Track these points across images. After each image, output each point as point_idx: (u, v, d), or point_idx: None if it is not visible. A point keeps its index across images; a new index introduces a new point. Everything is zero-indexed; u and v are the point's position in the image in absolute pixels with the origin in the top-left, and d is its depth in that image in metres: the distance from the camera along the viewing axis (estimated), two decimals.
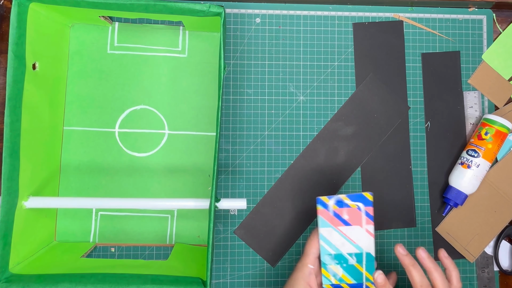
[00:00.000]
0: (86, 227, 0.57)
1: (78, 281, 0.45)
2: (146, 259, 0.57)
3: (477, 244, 0.59)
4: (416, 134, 0.60)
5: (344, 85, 0.59)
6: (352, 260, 0.47)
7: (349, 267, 0.47)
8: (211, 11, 0.47)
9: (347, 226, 0.47)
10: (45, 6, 0.49)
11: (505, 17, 0.61)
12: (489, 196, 0.59)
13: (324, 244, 0.47)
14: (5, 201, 0.46)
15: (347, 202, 0.47)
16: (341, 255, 0.47)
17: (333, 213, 0.47)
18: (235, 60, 0.59)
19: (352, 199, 0.47)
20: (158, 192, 0.58)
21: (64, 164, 0.57)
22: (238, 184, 0.58)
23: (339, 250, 0.47)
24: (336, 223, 0.47)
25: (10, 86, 0.46)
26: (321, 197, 0.47)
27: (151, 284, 0.45)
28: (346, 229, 0.47)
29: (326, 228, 0.47)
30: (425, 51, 0.60)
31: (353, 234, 0.47)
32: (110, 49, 0.58)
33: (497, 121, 0.56)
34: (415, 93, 0.60)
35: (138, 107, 0.58)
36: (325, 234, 0.47)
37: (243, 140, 0.58)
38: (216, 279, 0.58)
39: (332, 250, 0.47)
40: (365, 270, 0.47)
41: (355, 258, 0.47)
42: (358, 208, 0.46)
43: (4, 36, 0.58)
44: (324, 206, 0.47)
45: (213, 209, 0.46)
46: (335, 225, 0.47)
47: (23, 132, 0.48)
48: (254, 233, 0.58)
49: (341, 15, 0.60)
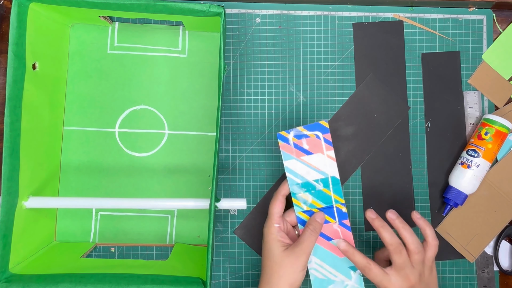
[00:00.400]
0: (86, 227, 0.57)
1: (78, 281, 0.45)
2: (146, 259, 0.57)
3: (477, 244, 0.59)
4: (416, 134, 0.60)
5: (344, 85, 0.59)
6: (319, 185, 0.49)
7: (318, 193, 0.50)
8: (211, 11, 0.47)
9: (309, 155, 0.49)
10: (45, 6, 0.49)
11: (505, 17, 0.61)
12: (489, 196, 0.59)
13: (291, 175, 0.49)
14: (5, 201, 0.46)
15: (305, 133, 0.49)
16: (308, 182, 0.49)
17: (294, 145, 0.49)
18: (235, 60, 0.59)
19: (309, 129, 0.49)
20: (158, 192, 0.58)
21: (64, 164, 0.57)
22: (238, 184, 0.58)
23: (305, 179, 0.49)
24: (298, 154, 0.49)
25: (10, 86, 0.46)
26: (281, 132, 0.49)
27: (151, 284, 0.45)
28: (308, 158, 0.49)
29: (289, 160, 0.49)
30: (425, 51, 0.60)
31: (316, 162, 0.49)
32: (110, 49, 0.58)
33: (497, 121, 0.56)
34: (415, 93, 0.60)
35: (138, 107, 0.58)
36: (290, 166, 0.49)
37: (243, 140, 0.58)
38: (216, 279, 0.58)
39: (298, 179, 0.49)
40: (333, 193, 0.50)
41: (322, 184, 0.49)
42: (317, 137, 0.49)
43: (4, 36, 0.58)
44: (284, 140, 0.49)
45: (213, 209, 0.46)
46: (297, 156, 0.49)
47: (23, 132, 0.48)
48: (254, 233, 0.58)
49: (341, 15, 0.60)
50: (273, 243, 0.48)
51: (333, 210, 0.50)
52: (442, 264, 0.59)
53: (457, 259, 0.59)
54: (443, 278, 0.59)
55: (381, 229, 0.47)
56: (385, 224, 0.48)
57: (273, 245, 0.48)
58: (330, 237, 0.50)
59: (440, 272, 0.59)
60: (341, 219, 0.49)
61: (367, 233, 0.59)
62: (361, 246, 0.59)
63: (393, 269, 0.47)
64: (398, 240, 0.47)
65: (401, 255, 0.46)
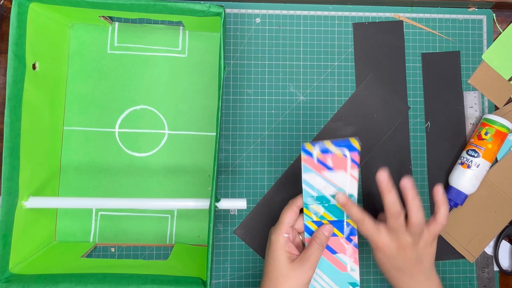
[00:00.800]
0: (86, 227, 0.57)
1: (78, 281, 0.45)
2: (146, 259, 0.57)
3: (477, 244, 0.59)
4: (416, 134, 0.60)
5: (344, 85, 0.59)
6: (334, 200, 0.47)
7: (331, 206, 0.48)
8: (211, 11, 0.47)
9: (330, 172, 0.47)
10: (45, 6, 0.49)
11: (505, 17, 0.61)
12: (489, 196, 0.59)
13: (307, 188, 0.47)
14: (5, 201, 0.46)
15: (332, 149, 0.46)
16: (323, 196, 0.47)
17: (317, 160, 0.46)
18: (235, 60, 0.59)
19: (337, 145, 0.46)
20: (158, 192, 0.58)
21: (64, 164, 0.57)
22: (238, 184, 0.58)
23: (321, 193, 0.47)
24: (320, 169, 0.47)
25: (10, 86, 0.46)
26: (306, 144, 0.46)
27: (151, 284, 0.45)
28: (329, 174, 0.47)
29: (309, 173, 0.47)
30: (425, 51, 0.60)
31: (337, 179, 0.47)
32: (110, 49, 0.58)
33: (497, 121, 0.56)
34: (415, 93, 0.60)
35: (138, 107, 0.58)
36: (308, 179, 0.47)
37: (243, 140, 0.58)
38: (216, 279, 0.58)
39: (314, 192, 0.47)
40: None
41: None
42: (344, 155, 0.46)
43: (4, 36, 0.58)
44: (308, 154, 0.46)
45: (213, 209, 0.46)
46: (318, 170, 0.47)
47: (23, 132, 0.48)
48: (254, 233, 0.58)
49: (341, 15, 0.60)
50: (280, 253, 0.47)
51: (343, 224, 0.48)
52: (442, 264, 0.59)
53: (457, 259, 0.59)
54: (443, 278, 0.59)
55: (386, 193, 0.45)
56: (392, 190, 0.45)
57: (280, 255, 0.47)
58: (335, 251, 0.49)
59: (440, 272, 0.59)
60: (349, 235, 0.48)
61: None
62: (361, 246, 0.59)
63: (385, 227, 0.46)
64: (400, 209, 0.45)
65: (397, 220, 0.45)
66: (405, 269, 0.47)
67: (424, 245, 0.47)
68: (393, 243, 0.46)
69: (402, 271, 0.47)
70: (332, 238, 0.48)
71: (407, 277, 0.47)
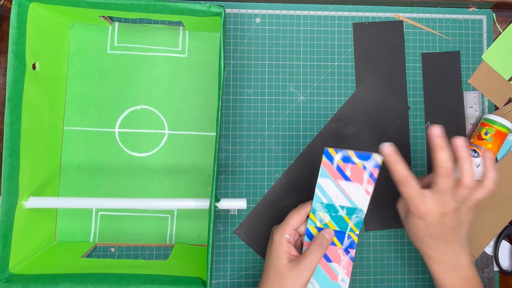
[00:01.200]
0: (86, 227, 0.57)
1: (78, 281, 0.45)
2: (146, 259, 0.57)
3: (477, 244, 0.59)
4: (416, 134, 0.60)
5: (344, 85, 0.59)
6: (342, 212, 0.47)
7: (337, 217, 0.48)
8: (211, 11, 0.47)
9: (346, 182, 0.46)
10: (45, 6, 0.49)
11: (505, 17, 0.61)
12: (489, 196, 0.59)
13: (319, 193, 0.47)
14: (5, 201, 0.46)
15: (354, 159, 0.45)
16: (333, 205, 0.47)
17: (337, 167, 0.46)
18: (235, 60, 0.59)
19: (360, 158, 0.45)
20: (158, 192, 0.58)
21: (64, 164, 0.57)
22: (238, 184, 0.58)
23: (332, 201, 0.47)
24: (336, 176, 0.46)
25: (10, 86, 0.45)
26: (329, 149, 0.46)
27: (151, 284, 0.45)
28: (345, 183, 0.46)
29: (325, 179, 0.47)
30: (425, 51, 0.60)
31: (351, 190, 0.46)
32: (110, 49, 0.58)
33: (497, 121, 0.56)
34: (415, 93, 0.60)
35: (138, 107, 0.58)
36: (322, 185, 0.47)
37: (243, 140, 0.58)
38: (216, 279, 0.58)
39: (325, 199, 0.47)
40: (352, 223, 0.48)
41: (346, 211, 0.47)
42: (364, 168, 0.45)
43: (4, 36, 0.58)
44: (329, 158, 0.46)
45: (213, 209, 0.46)
46: (335, 178, 0.46)
47: (23, 132, 0.48)
48: (254, 233, 0.58)
49: (341, 15, 0.60)
50: (280, 252, 0.47)
51: (344, 235, 0.48)
52: None
53: None
54: None
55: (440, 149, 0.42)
56: (445, 146, 0.42)
57: (280, 255, 0.47)
58: (330, 259, 0.49)
59: None
60: (348, 247, 0.48)
61: (367, 233, 0.59)
62: (361, 246, 0.59)
63: (432, 191, 0.43)
64: (452, 168, 0.42)
65: (447, 180, 0.42)
66: (442, 237, 0.44)
67: (466, 212, 0.44)
68: (437, 209, 0.43)
69: (438, 238, 0.44)
70: (330, 247, 0.48)
71: (442, 245, 0.45)
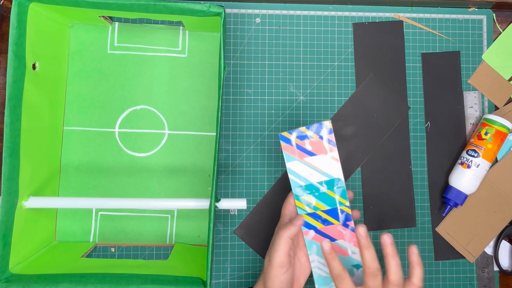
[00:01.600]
0: (86, 227, 0.57)
1: (78, 281, 0.45)
2: (146, 259, 0.57)
3: (477, 244, 0.59)
4: (416, 134, 0.60)
5: (344, 85, 0.59)
6: (323, 187, 0.48)
7: (322, 195, 0.48)
8: (211, 11, 0.47)
9: (312, 157, 0.48)
10: (45, 6, 0.49)
11: (505, 17, 0.61)
12: (489, 196, 0.59)
13: (294, 177, 0.48)
14: (5, 201, 0.46)
15: (308, 134, 0.47)
16: (312, 185, 0.48)
17: (296, 146, 0.48)
18: (235, 60, 0.59)
19: (312, 130, 0.47)
20: (158, 192, 0.58)
21: (64, 164, 0.57)
22: (238, 184, 0.58)
23: (309, 181, 0.48)
24: (301, 155, 0.48)
25: (10, 86, 0.46)
26: (283, 133, 0.48)
27: (151, 284, 0.45)
28: (311, 159, 0.48)
29: (292, 161, 0.48)
30: (425, 51, 0.60)
31: (320, 163, 0.47)
32: (110, 49, 0.58)
33: (497, 121, 0.56)
34: (415, 93, 0.60)
35: (138, 107, 0.58)
36: (292, 168, 0.48)
37: (243, 140, 0.58)
38: (216, 279, 0.58)
39: (302, 181, 0.48)
40: (338, 196, 0.48)
41: (326, 186, 0.48)
42: (320, 138, 0.47)
43: (4, 36, 0.58)
44: (286, 141, 0.48)
45: (213, 209, 0.46)
46: (300, 157, 0.48)
47: (23, 132, 0.48)
48: (254, 233, 0.58)
49: (341, 15, 0.60)
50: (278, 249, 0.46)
51: (337, 211, 0.48)
52: (442, 264, 0.59)
53: (457, 259, 0.59)
54: (443, 278, 0.59)
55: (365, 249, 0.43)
56: (370, 246, 0.44)
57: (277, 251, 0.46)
58: (334, 238, 0.49)
59: (440, 272, 0.59)
60: (345, 221, 0.49)
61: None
62: None
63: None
64: (378, 266, 0.43)
65: (375, 279, 0.43)
66: None
67: None
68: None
69: None
70: (329, 226, 0.49)
71: None
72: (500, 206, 0.59)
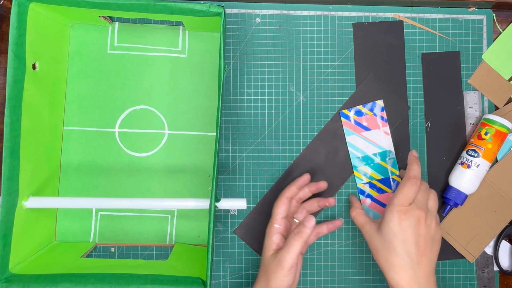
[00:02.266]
0: (86, 227, 0.57)
1: (78, 281, 0.45)
2: (146, 259, 0.57)
3: (477, 244, 0.59)
4: (416, 134, 0.60)
5: (344, 85, 0.59)
6: (377, 159, 0.57)
7: (376, 166, 0.57)
8: (211, 11, 0.47)
9: (367, 131, 0.57)
10: (45, 6, 0.49)
11: (505, 17, 0.61)
12: (489, 196, 0.59)
13: (352, 149, 0.57)
14: (5, 201, 0.46)
15: (364, 111, 0.57)
16: (367, 156, 0.57)
17: (354, 122, 0.57)
18: (235, 60, 0.59)
19: (367, 108, 0.57)
20: (158, 192, 0.58)
21: (64, 164, 0.57)
22: (238, 184, 0.58)
23: (365, 152, 0.57)
24: (358, 130, 0.57)
25: (10, 86, 0.46)
26: (343, 110, 0.57)
27: (151, 284, 0.45)
28: (367, 133, 0.57)
29: (351, 135, 0.57)
30: (425, 51, 0.60)
31: (374, 137, 0.57)
32: (110, 49, 0.58)
33: (497, 121, 0.56)
34: (415, 93, 0.60)
35: (138, 107, 0.58)
36: (351, 141, 0.57)
37: (243, 140, 0.58)
38: (216, 279, 0.58)
39: (359, 153, 0.57)
40: (390, 166, 0.57)
41: (379, 157, 0.57)
42: (374, 114, 0.57)
43: (4, 36, 0.58)
44: (346, 117, 0.57)
45: (213, 209, 0.46)
46: (357, 132, 0.57)
47: (23, 132, 0.48)
48: (254, 233, 0.58)
49: (341, 15, 0.60)
50: (268, 244, 0.49)
51: (389, 181, 0.56)
52: (442, 264, 0.59)
53: (457, 259, 0.59)
54: (443, 278, 0.59)
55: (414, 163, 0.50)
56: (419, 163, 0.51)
57: (267, 246, 0.49)
58: (385, 204, 0.56)
59: (440, 272, 0.59)
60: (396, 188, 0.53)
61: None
62: (361, 245, 0.59)
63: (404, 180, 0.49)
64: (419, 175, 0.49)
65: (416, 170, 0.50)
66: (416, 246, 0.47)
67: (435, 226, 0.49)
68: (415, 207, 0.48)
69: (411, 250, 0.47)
70: (383, 195, 0.57)
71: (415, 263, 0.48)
72: (500, 206, 0.59)
